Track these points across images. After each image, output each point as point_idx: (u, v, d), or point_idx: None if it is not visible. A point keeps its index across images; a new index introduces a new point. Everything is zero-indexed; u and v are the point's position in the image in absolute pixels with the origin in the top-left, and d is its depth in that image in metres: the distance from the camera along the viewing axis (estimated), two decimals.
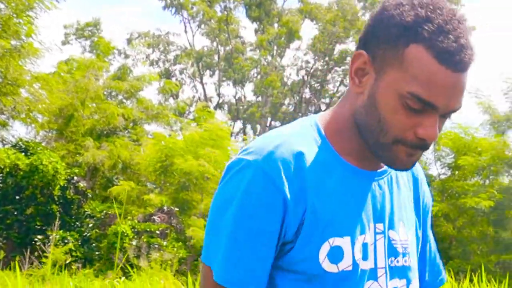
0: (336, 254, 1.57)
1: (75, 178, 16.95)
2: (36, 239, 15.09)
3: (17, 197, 15.91)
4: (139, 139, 20.82)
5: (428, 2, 1.54)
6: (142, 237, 14.89)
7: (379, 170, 1.68)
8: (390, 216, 1.68)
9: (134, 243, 14.59)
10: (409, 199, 1.77)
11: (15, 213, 15.81)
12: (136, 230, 15.22)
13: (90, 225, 16.47)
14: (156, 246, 14.46)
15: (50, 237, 13.94)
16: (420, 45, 1.51)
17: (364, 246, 1.61)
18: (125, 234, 14.63)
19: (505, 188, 16.13)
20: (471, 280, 7.08)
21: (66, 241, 15.22)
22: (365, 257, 1.60)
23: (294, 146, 1.59)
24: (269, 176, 1.53)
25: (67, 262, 13.72)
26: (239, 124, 28.98)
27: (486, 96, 17.16)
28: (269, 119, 28.40)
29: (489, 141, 16.48)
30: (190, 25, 29.03)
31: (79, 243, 15.63)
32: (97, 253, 15.43)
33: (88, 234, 16.11)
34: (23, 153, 16.22)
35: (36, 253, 13.41)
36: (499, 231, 16.00)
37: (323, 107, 30.22)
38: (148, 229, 15.18)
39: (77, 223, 16.47)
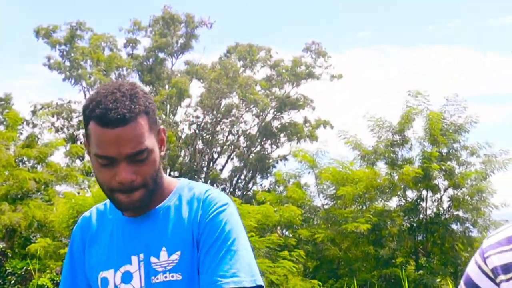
0: (104, 283, 2.00)
1: None
2: None
3: None
4: (51, 199, 20.68)
5: (101, 88, 1.93)
6: None
7: (140, 216, 2.00)
8: (152, 245, 1.97)
9: None
10: (181, 226, 1.97)
11: None
12: (56, 281, 15.21)
13: (12, 281, 16.33)
14: None
15: None
16: (92, 120, 1.88)
17: (126, 273, 1.97)
18: (46, 287, 14.59)
19: (379, 212, 16.75)
20: None
21: None
22: (126, 281, 1.97)
23: (87, 212, 2.13)
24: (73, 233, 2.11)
25: None
26: None
27: (353, 135, 17.85)
28: (168, 170, 28.59)
29: (363, 172, 17.12)
30: (89, 93, 29.12)
31: None
32: None
33: None
34: None
35: None
36: (378, 249, 16.57)
37: (215, 155, 30.69)
38: None
39: (0, 281, 16.30)
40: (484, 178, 16.61)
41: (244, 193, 29.06)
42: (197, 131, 29.86)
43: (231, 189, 29.16)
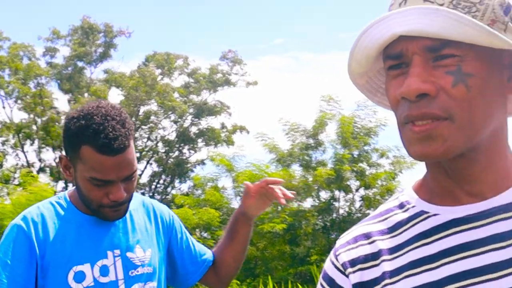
0: (79, 276, 2.08)
1: None
2: None
3: None
4: None
5: (87, 112, 2.02)
6: None
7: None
8: (126, 242, 2.17)
9: None
10: (149, 228, 2.25)
11: None
12: None
13: None
14: None
15: None
16: (88, 146, 1.99)
17: (104, 267, 2.12)
18: None
19: (294, 212, 16.77)
20: None
21: None
22: (104, 274, 2.11)
23: (36, 211, 2.13)
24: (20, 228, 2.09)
25: None
26: (61, 184, 28.25)
27: (270, 138, 17.86)
28: None
29: (279, 174, 17.05)
30: (8, 102, 28.14)
31: None
32: None
33: None
34: None
35: None
36: (293, 248, 16.56)
37: None
38: None
39: None
40: (393, 178, 16.87)
41: (163, 197, 28.60)
42: None
43: (151, 194, 28.68)
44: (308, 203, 17.65)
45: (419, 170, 17.15)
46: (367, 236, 1.18)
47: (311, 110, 33.33)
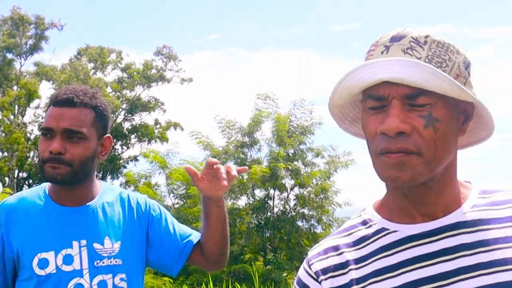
0: (43, 263, 2.18)
1: None
2: None
3: None
4: None
5: (64, 88, 2.30)
6: None
7: (80, 206, 2.28)
8: (93, 234, 2.24)
9: None
10: (123, 221, 2.32)
11: None
12: None
13: None
14: None
15: None
16: (49, 103, 2.28)
17: (68, 256, 2.20)
18: None
19: (228, 210, 16.50)
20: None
21: None
22: (67, 263, 2.19)
23: (12, 199, 2.28)
24: None
25: None
26: None
27: (205, 136, 17.72)
28: (16, 171, 27.16)
29: None
30: None
31: None
32: None
33: None
34: None
35: None
36: None
37: None
38: None
39: None
40: (328, 177, 16.95)
41: None
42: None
43: None
44: (242, 201, 17.60)
45: (353, 170, 17.29)
46: (335, 248, 1.39)
47: (246, 108, 33.27)
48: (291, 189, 17.35)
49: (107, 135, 2.34)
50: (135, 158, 28.94)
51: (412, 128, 1.22)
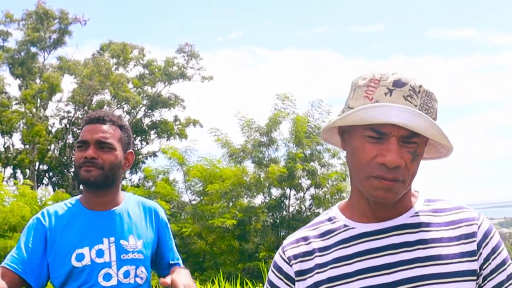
0: (80, 257, 2.59)
1: None
2: None
3: None
4: None
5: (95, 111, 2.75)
6: None
7: (108, 210, 2.71)
8: (120, 232, 2.66)
9: None
10: (143, 223, 2.77)
11: None
12: None
13: None
14: None
15: None
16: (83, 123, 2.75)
17: (100, 250, 2.61)
18: None
19: (244, 208, 16.76)
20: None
21: None
22: (100, 256, 2.60)
23: (52, 207, 2.72)
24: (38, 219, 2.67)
25: None
26: (9, 170, 27.78)
27: (224, 134, 17.81)
28: (37, 163, 27.50)
29: (231, 170, 17.05)
30: None
31: None
32: None
33: None
34: None
35: None
36: (243, 244, 16.61)
37: None
38: None
39: None
40: (344, 179, 16.94)
41: None
42: (68, 126, 28.82)
43: None
44: (258, 200, 17.66)
45: None
46: (305, 239, 1.72)
47: (265, 106, 33.40)
48: (307, 189, 17.40)
49: (130, 150, 2.79)
50: (154, 154, 29.16)
51: (404, 162, 1.53)
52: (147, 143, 30.11)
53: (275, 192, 17.50)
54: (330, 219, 1.73)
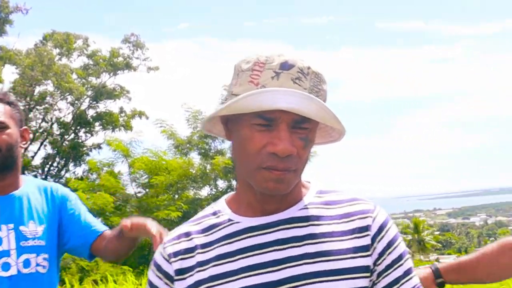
0: None
1: None
2: None
3: None
4: None
5: None
6: None
7: (7, 195, 2.56)
8: (19, 218, 2.52)
9: None
10: (44, 207, 2.61)
11: None
12: None
13: None
14: None
15: None
16: None
17: None
18: None
19: (190, 200, 16.76)
20: None
21: None
22: None
23: None
24: None
25: None
26: None
27: (170, 125, 17.73)
28: None
29: (177, 162, 16.98)
30: None
31: None
32: None
33: None
34: None
35: None
36: None
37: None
38: None
39: None
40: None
41: (56, 180, 27.86)
42: None
43: (43, 176, 27.88)
44: (205, 192, 17.64)
45: (314, 162, 17.33)
46: (187, 234, 1.57)
47: (214, 98, 33.27)
48: None
49: (25, 127, 2.63)
50: (98, 146, 28.80)
51: (296, 150, 1.42)
52: (92, 135, 29.75)
53: (222, 184, 17.50)
54: (214, 213, 1.59)
